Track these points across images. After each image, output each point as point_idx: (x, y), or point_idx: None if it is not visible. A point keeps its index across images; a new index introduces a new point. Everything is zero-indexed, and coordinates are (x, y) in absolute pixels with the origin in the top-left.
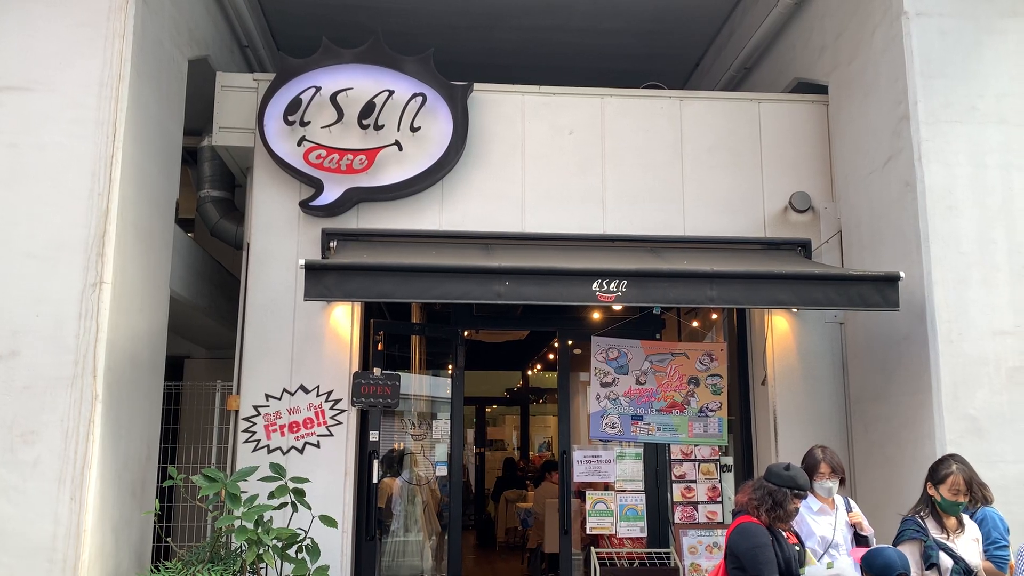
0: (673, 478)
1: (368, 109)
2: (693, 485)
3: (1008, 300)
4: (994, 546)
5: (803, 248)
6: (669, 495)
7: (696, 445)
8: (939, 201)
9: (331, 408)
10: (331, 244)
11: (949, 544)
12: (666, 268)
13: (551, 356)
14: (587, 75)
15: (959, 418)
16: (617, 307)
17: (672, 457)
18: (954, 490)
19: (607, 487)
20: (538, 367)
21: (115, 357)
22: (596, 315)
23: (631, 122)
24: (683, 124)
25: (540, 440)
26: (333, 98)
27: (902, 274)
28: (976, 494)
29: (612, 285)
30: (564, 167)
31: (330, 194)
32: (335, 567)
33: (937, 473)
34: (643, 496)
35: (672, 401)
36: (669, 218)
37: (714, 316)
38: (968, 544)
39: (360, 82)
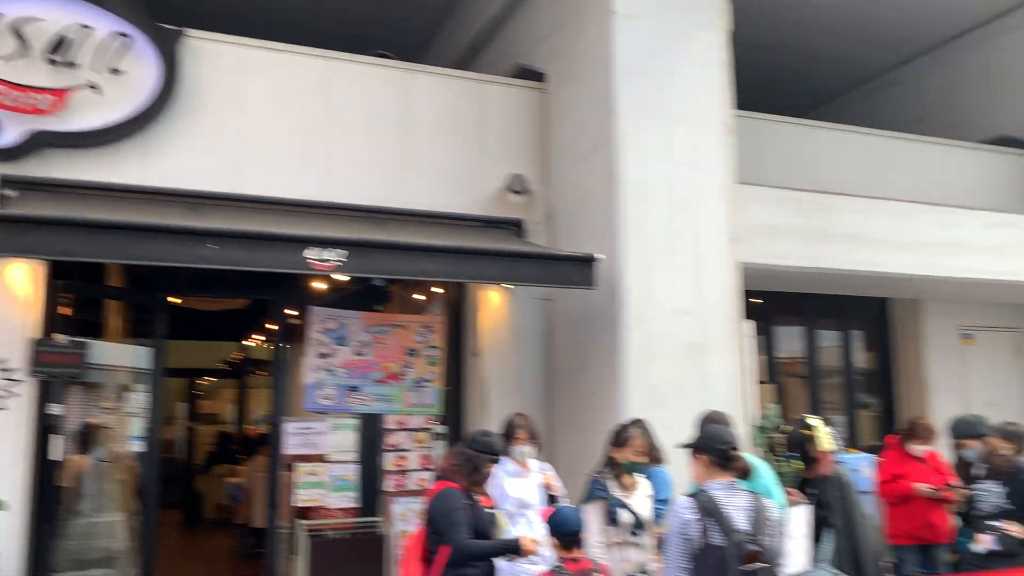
0: (387, 447)
1: (58, 43)
2: (406, 454)
3: (689, 284)
4: (652, 499)
5: (517, 227)
6: (381, 464)
7: (411, 415)
8: (635, 191)
9: (4, 378)
10: (9, 193)
11: (627, 501)
12: (383, 240)
13: (272, 326)
14: (317, 36)
15: (643, 388)
16: (344, 277)
17: (386, 427)
18: (636, 452)
19: (321, 459)
20: (259, 337)
21: None
22: (321, 285)
23: (358, 89)
24: (410, 97)
25: (259, 413)
26: (15, 26)
27: (598, 255)
28: (653, 455)
29: (327, 254)
30: (287, 129)
31: (8, 135)
32: (5, 552)
33: (620, 437)
34: (357, 466)
35: (390, 372)
36: (394, 190)
37: (437, 290)
38: (642, 500)
39: (51, 12)
